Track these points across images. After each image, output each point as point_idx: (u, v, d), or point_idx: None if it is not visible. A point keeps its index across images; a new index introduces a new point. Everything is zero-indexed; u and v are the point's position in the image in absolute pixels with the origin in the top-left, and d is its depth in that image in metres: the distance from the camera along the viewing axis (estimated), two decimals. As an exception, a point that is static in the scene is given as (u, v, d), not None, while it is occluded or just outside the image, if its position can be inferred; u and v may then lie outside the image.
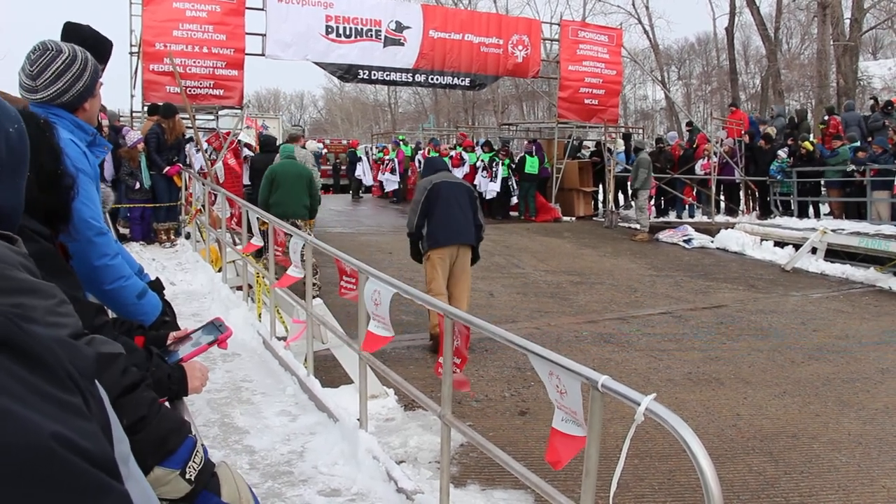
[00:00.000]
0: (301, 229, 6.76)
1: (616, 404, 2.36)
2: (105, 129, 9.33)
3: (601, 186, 16.20)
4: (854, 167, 12.26)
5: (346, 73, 13.57)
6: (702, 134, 16.52)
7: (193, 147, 10.97)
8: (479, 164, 15.83)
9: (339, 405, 4.18)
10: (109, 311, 2.21)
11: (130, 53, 11.61)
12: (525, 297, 8.46)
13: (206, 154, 10.85)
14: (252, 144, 12.98)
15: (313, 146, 13.96)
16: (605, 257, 11.34)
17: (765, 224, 13.28)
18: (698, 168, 15.05)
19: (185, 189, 9.94)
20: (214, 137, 11.85)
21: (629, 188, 15.08)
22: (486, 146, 16.35)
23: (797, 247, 11.41)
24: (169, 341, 1.91)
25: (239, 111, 12.34)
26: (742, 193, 15.17)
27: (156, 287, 2.37)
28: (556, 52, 16.92)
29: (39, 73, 2.09)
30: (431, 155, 13.97)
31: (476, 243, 6.30)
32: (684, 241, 12.79)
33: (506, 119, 32.11)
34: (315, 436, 3.99)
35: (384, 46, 13.47)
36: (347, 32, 13.09)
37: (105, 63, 3.20)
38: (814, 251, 11.14)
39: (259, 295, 6.24)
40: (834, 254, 11.09)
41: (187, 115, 10.51)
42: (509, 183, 15.34)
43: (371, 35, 13.32)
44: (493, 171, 15.24)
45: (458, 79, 14.65)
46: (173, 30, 11.32)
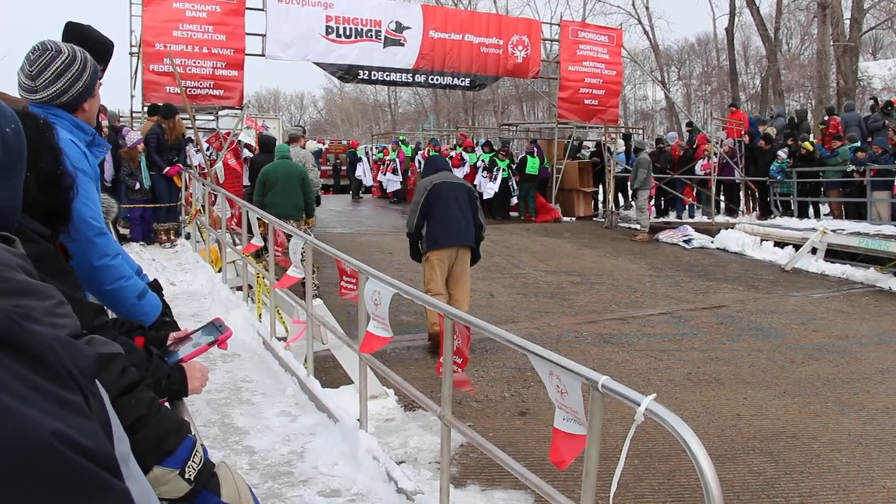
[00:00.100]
0: (299, 229, 6.75)
1: (616, 405, 2.37)
2: (105, 129, 9.33)
3: (601, 187, 16.20)
4: (854, 167, 12.26)
5: (346, 73, 13.57)
6: (702, 134, 16.52)
7: (193, 147, 10.97)
8: (479, 165, 15.83)
9: (339, 405, 4.18)
10: (109, 311, 2.21)
11: (130, 54, 11.61)
12: (525, 297, 8.46)
13: (207, 155, 10.85)
14: (252, 145, 12.97)
15: (313, 146, 13.98)
16: (605, 258, 11.33)
17: (765, 224, 13.28)
18: (698, 168, 15.05)
19: (186, 189, 9.94)
20: (214, 138, 11.85)
21: (629, 188, 15.09)
22: (487, 146, 16.35)
23: (797, 247, 11.41)
24: (169, 342, 1.91)
25: (239, 111, 12.34)
26: (742, 194, 15.18)
27: (154, 288, 2.37)
28: (556, 52, 16.92)
29: (39, 73, 2.09)
30: (433, 154, 13.94)
31: (476, 244, 6.27)
32: (684, 241, 12.79)
33: (506, 119, 32.12)
34: (315, 436, 3.99)
35: (384, 47, 13.47)
36: (347, 33, 13.09)
37: (106, 64, 3.20)
38: (814, 251, 11.14)
39: (259, 295, 6.24)
40: (834, 254, 11.08)
41: (187, 116, 10.51)
42: (509, 183, 15.34)
43: (371, 35, 13.32)
44: (494, 175, 15.22)
45: (458, 79, 14.65)
46: (173, 30, 11.33)
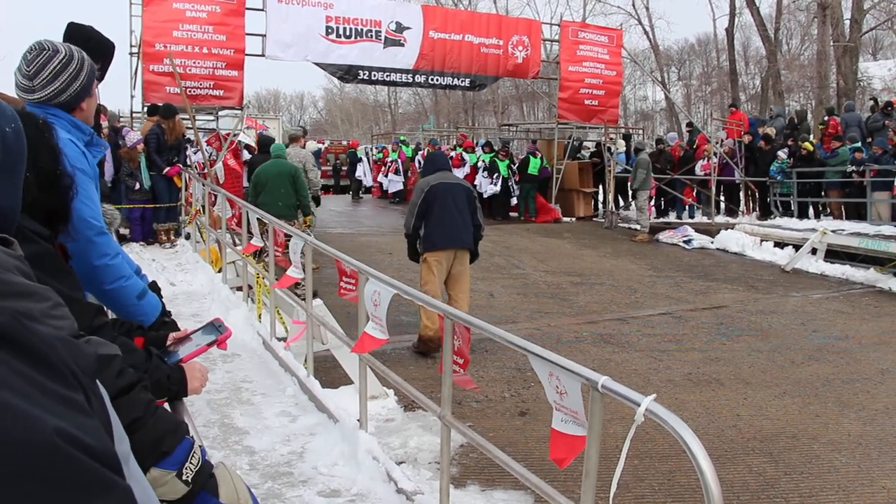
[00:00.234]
0: (298, 229, 6.73)
1: (616, 405, 2.36)
2: (105, 129, 9.32)
3: (601, 187, 16.20)
4: (853, 168, 12.26)
5: (346, 73, 13.57)
6: (702, 135, 16.52)
7: (192, 148, 10.97)
8: (479, 165, 15.83)
9: (339, 406, 4.18)
10: (109, 312, 2.20)
11: (130, 54, 11.60)
12: (525, 297, 8.46)
13: (208, 155, 10.85)
14: (252, 145, 12.98)
15: (313, 146, 13.97)
16: (605, 258, 11.33)
17: (765, 225, 13.27)
18: (698, 169, 15.04)
19: (186, 189, 9.94)
20: (214, 138, 11.85)
21: (629, 189, 15.09)
22: (487, 147, 16.35)
23: (797, 247, 11.40)
24: (168, 342, 1.91)
25: (239, 112, 12.34)
26: (742, 194, 15.17)
27: (153, 290, 2.37)
28: (556, 52, 16.92)
29: (36, 72, 2.08)
30: (432, 151, 13.92)
31: (475, 243, 6.23)
32: (684, 241, 12.79)
33: (506, 120, 32.16)
34: (315, 436, 3.99)
35: (384, 47, 13.47)
36: (347, 33, 13.09)
37: (108, 64, 3.20)
38: (814, 252, 11.13)
39: (259, 296, 6.24)
40: (834, 254, 11.07)
41: (187, 116, 10.51)
42: (509, 183, 15.33)
43: (371, 36, 13.32)
44: (494, 179, 15.18)
45: (459, 79, 14.65)
46: (173, 30, 11.32)
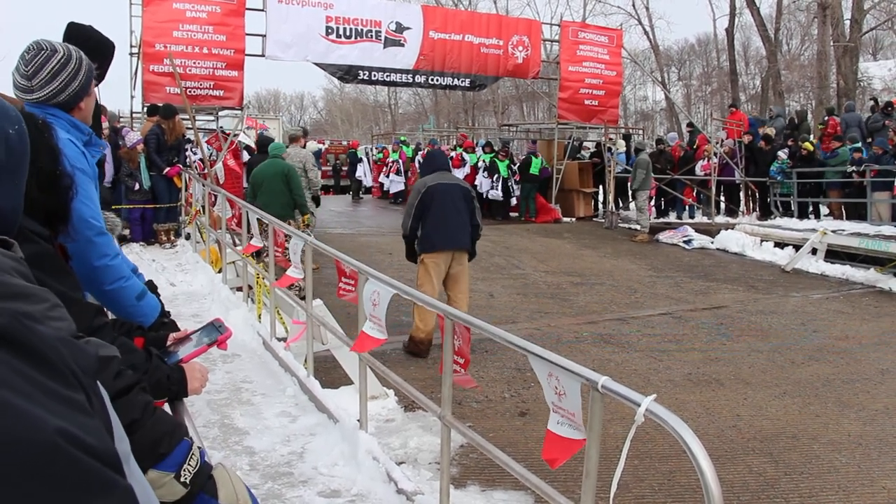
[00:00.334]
0: (298, 229, 6.73)
1: (616, 405, 2.36)
2: (106, 130, 9.32)
3: (601, 187, 16.20)
4: (853, 168, 12.26)
5: (347, 73, 13.57)
6: (702, 135, 16.52)
7: (192, 149, 10.97)
8: (480, 165, 15.82)
9: (339, 406, 4.18)
10: (109, 312, 2.20)
11: (130, 54, 11.61)
12: (525, 297, 8.46)
13: (208, 156, 10.86)
14: (253, 146, 12.98)
15: (313, 146, 13.97)
16: (605, 258, 11.33)
17: (765, 225, 13.27)
18: (698, 169, 15.04)
19: (186, 190, 9.95)
20: (214, 138, 11.85)
21: (629, 189, 15.09)
22: (487, 147, 16.35)
23: (797, 247, 11.40)
24: (169, 342, 1.91)
25: (239, 112, 12.34)
26: (742, 194, 15.17)
27: (150, 289, 2.37)
28: (556, 52, 16.92)
29: (35, 72, 2.07)
30: (430, 150, 13.88)
31: (472, 244, 6.18)
32: (684, 241, 12.79)
33: (506, 120, 32.19)
34: (315, 437, 3.99)
35: (384, 47, 13.47)
36: (347, 33, 13.09)
37: (108, 64, 3.20)
38: (814, 252, 11.13)
39: (259, 296, 6.24)
40: (834, 255, 11.07)
41: (187, 116, 10.51)
42: (509, 184, 15.33)
43: (371, 36, 13.32)
44: (495, 183, 15.16)
45: (459, 79, 14.65)
46: (173, 30, 11.32)
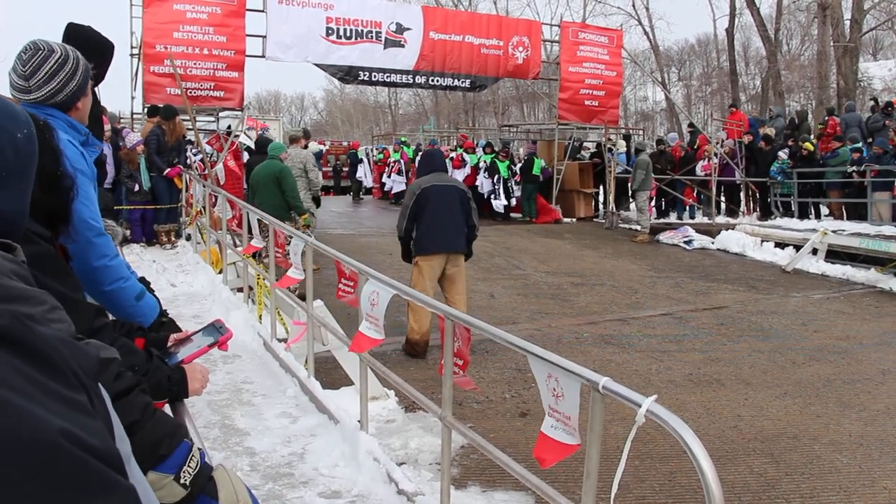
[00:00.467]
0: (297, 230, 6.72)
1: (617, 406, 2.36)
2: (108, 132, 9.32)
3: (602, 188, 16.20)
4: (854, 168, 12.26)
5: (347, 74, 13.57)
6: (702, 135, 16.52)
7: (192, 149, 10.97)
8: (480, 166, 15.82)
9: (339, 407, 4.18)
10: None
11: (131, 55, 11.62)
12: (525, 298, 8.46)
13: (208, 157, 10.86)
14: (253, 147, 12.97)
15: (314, 147, 13.98)
16: (605, 258, 11.33)
17: (765, 225, 13.27)
18: (699, 169, 15.04)
19: (186, 191, 9.95)
20: (215, 139, 11.86)
21: (629, 189, 15.09)
22: (488, 147, 16.36)
23: (798, 248, 11.39)
24: (169, 343, 1.90)
25: (239, 113, 12.35)
26: (742, 194, 15.17)
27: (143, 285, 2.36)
28: (556, 53, 16.93)
29: (32, 73, 2.06)
30: (428, 150, 13.87)
31: (468, 244, 6.15)
32: (685, 242, 12.78)
33: (506, 120, 32.20)
34: (316, 437, 3.99)
35: (384, 48, 13.48)
36: (348, 34, 13.10)
37: (107, 65, 3.20)
38: (814, 252, 11.13)
39: (260, 297, 6.24)
40: (834, 255, 11.07)
41: (188, 117, 10.51)
42: (509, 184, 15.33)
43: (371, 37, 13.33)
44: (496, 187, 15.12)
45: (459, 80, 14.65)
46: (174, 31, 11.33)
